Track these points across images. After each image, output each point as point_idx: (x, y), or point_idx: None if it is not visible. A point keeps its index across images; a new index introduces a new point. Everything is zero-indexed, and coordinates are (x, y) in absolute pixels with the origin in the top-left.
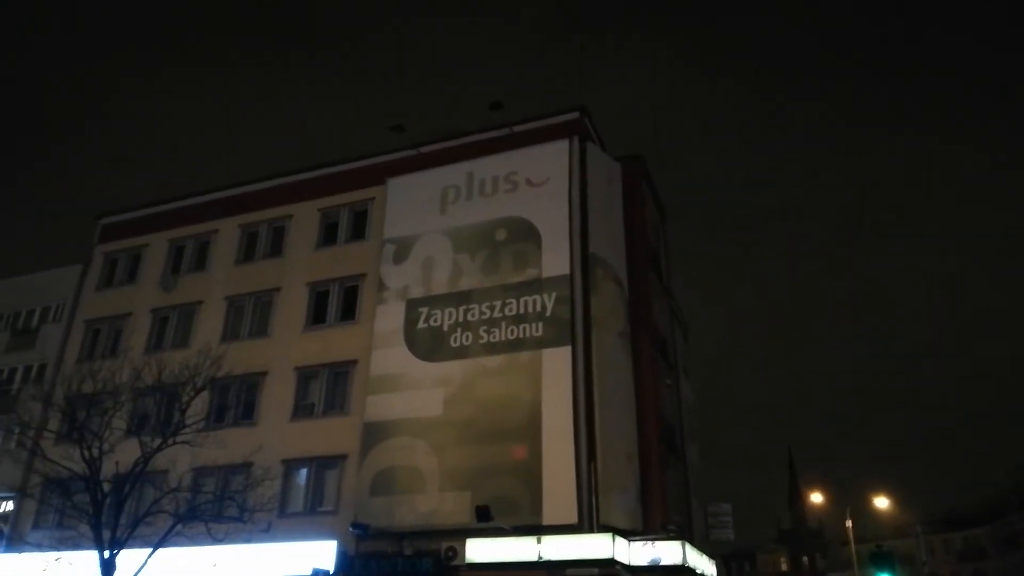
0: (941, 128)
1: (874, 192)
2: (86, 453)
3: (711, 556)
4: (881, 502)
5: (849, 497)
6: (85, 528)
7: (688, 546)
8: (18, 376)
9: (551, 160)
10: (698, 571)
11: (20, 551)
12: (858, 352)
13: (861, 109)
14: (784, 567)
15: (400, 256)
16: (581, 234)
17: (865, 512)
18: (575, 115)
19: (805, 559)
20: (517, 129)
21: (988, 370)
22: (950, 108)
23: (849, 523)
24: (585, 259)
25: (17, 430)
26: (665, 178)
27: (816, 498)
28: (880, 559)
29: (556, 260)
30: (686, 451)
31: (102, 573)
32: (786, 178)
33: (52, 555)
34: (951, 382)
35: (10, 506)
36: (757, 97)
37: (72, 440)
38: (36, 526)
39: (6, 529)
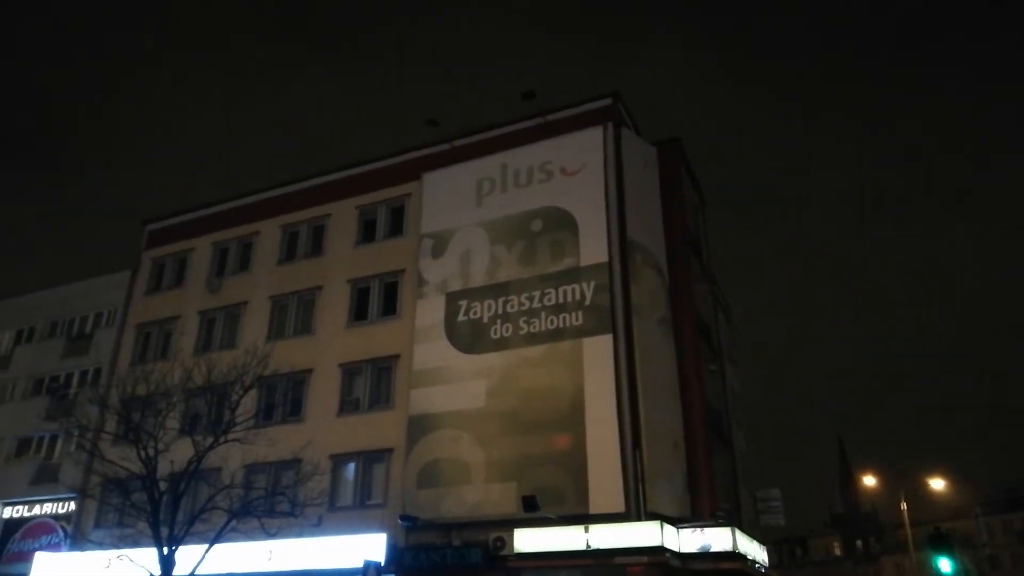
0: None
1: (935, 172)
2: (142, 453)
3: (762, 542)
4: (937, 484)
5: (903, 480)
6: (144, 526)
7: (738, 532)
8: (75, 380)
9: (585, 148)
10: (749, 557)
11: (83, 549)
12: (909, 333)
13: (894, 92)
14: (837, 551)
15: (438, 250)
16: (619, 221)
17: (920, 495)
18: (608, 101)
19: (859, 543)
20: (550, 118)
21: None
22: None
23: (904, 505)
24: (623, 246)
25: (76, 433)
26: (703, 162)
27: (869, 481)
28: (939, 541)
29: (594, 248)
30: (733, 437)
31: (162, 569)
32: (830, 159)
33: (114, 553)
34: (1009, 362)
35: (72, 506)
36: (792, 84)
37: (128, 441)
38: (98, 525)
39: (69, 528)
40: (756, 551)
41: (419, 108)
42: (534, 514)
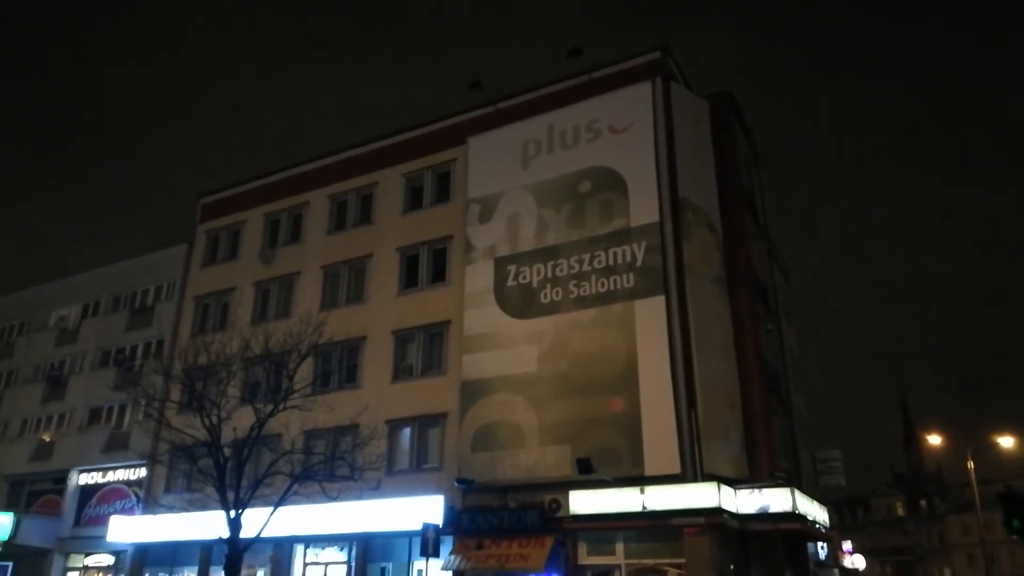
0: None
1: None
2: (206, 421)
3: (822, 503)
4: (1006, 442)
5: (970, 438)
6: (211, 490)
7: (797, 493)
8: (139, 352)
9: (633, 104)
10: (809, 518)
11: (155, 513)
12: (975, 288)
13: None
14: (900, 511)
15: (485, 215)
16: (669, 179)
17: (988, 453)
18: (656, 55)
19: (923, 503)
20: (596, 75)
21: None
22: None
23: (971, 464)
24: (675, 205)
25: (143, 402)
26: (756, 116)
27: (934, 440)
28: (1010, 500)
29: (644, 208)
30: (791, 397)
31: (229, 531)
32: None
33: (184, 516)
34: None
35: (143, 472)
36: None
37: (193, 409)
38: (168, 490)
39: (141, 493)
40: (816, 512)
41: (463, 72)
42: (589, 476)
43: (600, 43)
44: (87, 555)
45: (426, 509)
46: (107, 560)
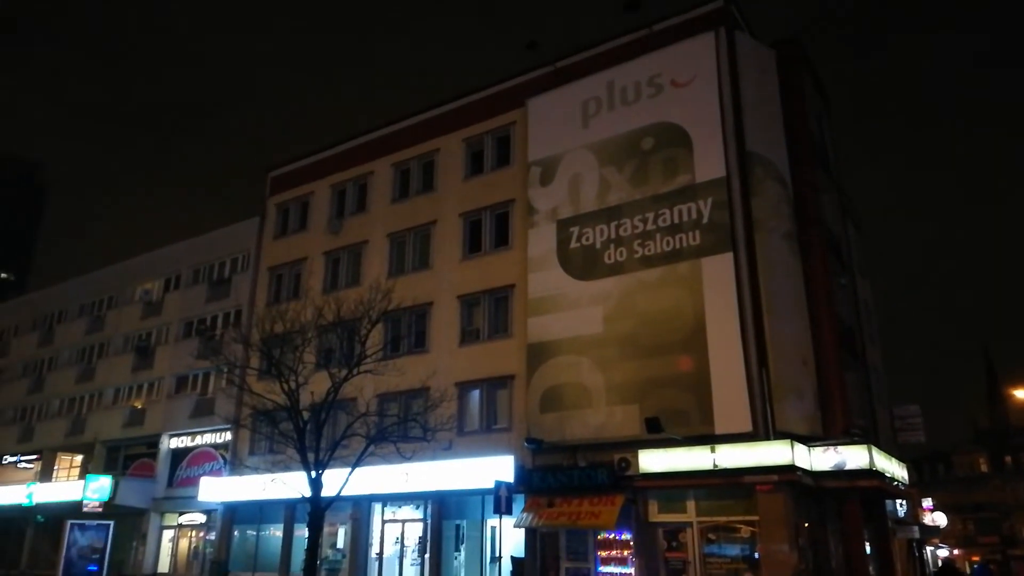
0: None
1: None
2: (285, 386)
3: (901, 460)
4: None
5: None
6: (292, 452)
7: (875, 449)
8: (219, 322)
9: (696, 56)
10: (887, 475)
11: (241, 474)
12: None
13: None
14: (983, 468)
15: (546, 177)
16: (736, 132)
17: None
18: (719, 3)
19: (1007, 459)
20: (656, 28)
21: None
22: None
23: None
24: (742, 159)
25: (225, 370)
26: (826, 64)
27: (1020, 394)
28: None
29: (710, 163)
30: (867, 353)
31: (311, 490)
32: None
33: (268, 476)
34: None
35: (228, 436)
36: None
37: (272, 375)
38: (252, 452)
39: (228, 456)
40: (895, 469)
41: (520, 33)
42: (658, 435)
43: None
44: (180, 514)
45: (497, 468)
46: (199, 519)
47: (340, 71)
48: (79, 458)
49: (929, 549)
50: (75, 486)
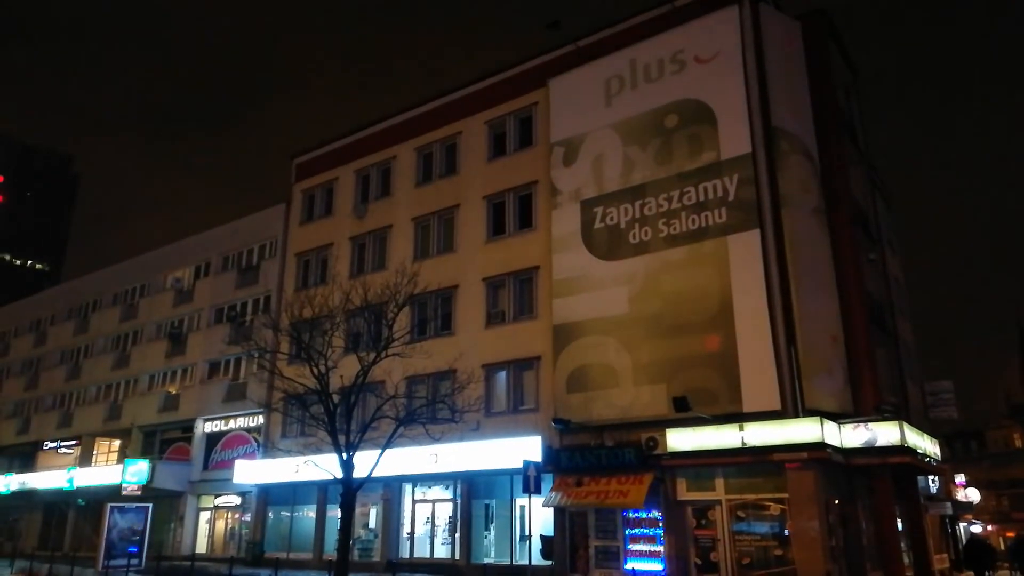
0: None
1: None
2: (315, 370)
3: (933, 436)
4: None
5: None
6: (324, 434)
7: (906, 426)
8: (249, 308)
9: (720, 31)
10: (919, 451)
11: (274, 456)
12: None
13: None
14: (1018, 443)
15: (569, 158)
16: (761, 107)
17: None
18: None
19: None
20: (679, 3)
21: None
22: None
23: None
24: (768, 134)
25: (256, 355)
26: (855, 35)
27: None
28: None
29: (735, 139)
30: (897, 329)
31: (343, 472)
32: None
33: (300, 459)
34: None
35: (260, 420)
36: None
37: (302, 360)
38: (284, 435)
39: (261, 439)
40: (927, 445)
41: (541, 13)
42: (686, 414)
43: None
44: (216, 496)
45: (525, 449)
46: (234, 500)
47: (361, 59)
48: (117, 443)
49: (962, 525)
50: (114, 470)
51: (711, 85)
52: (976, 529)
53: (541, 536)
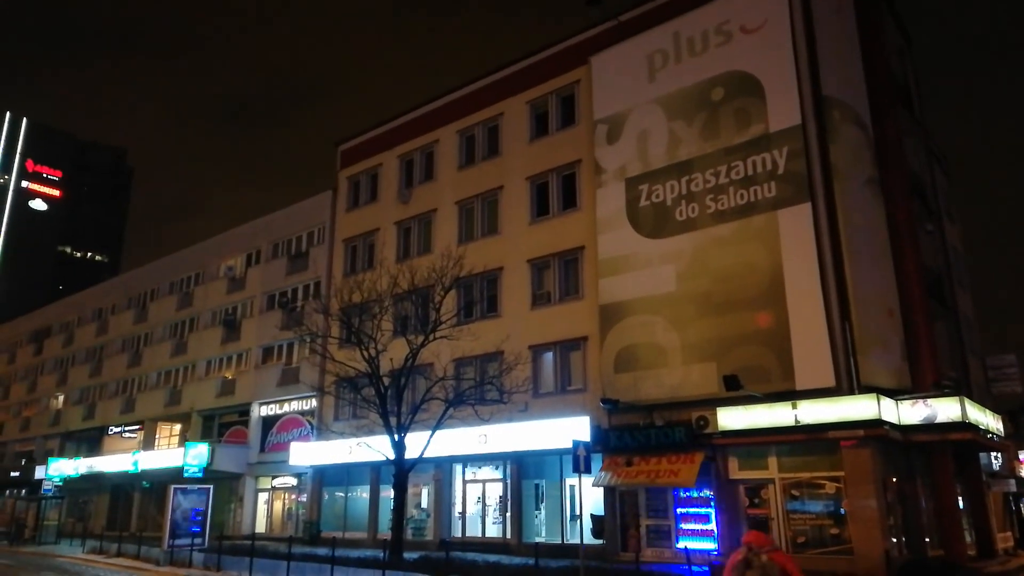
0: None
1: None
2: (365, 353)
3: (995, 411)
4: None
5: None
6: (375, 416)
7: (967, 401)
8: (300, 294)
9: None
10: (981, 427)
11: (328, 439)
12: None
13: None
14: None
15: (613, 135)
16: (811, 76)
17: None
18: None
19: None
20: None
21: None
22: None
23: None
24: (818, 104)
25: (308, 339)
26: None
27: None
28: None
29: (784, 111)
30: (957, 301)
31: (394, 452)
32: None
33: (353, 440)
34: None
35: (314, 403)
36: None
37: (352, 343)
38: (337, 418)
39: (314, 421)
40: (989, 421)
41: None
42: (737, 392)
43: None
44: (273, 478)
45: (573, 429)
46: (291, 481)
47: (402, 45)
48: (178, 427)
49: None
50: (176, 453)
51: (758, 55)
52: None
53: (592, 515)
